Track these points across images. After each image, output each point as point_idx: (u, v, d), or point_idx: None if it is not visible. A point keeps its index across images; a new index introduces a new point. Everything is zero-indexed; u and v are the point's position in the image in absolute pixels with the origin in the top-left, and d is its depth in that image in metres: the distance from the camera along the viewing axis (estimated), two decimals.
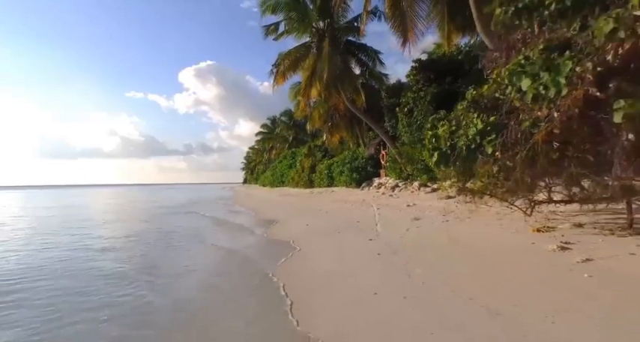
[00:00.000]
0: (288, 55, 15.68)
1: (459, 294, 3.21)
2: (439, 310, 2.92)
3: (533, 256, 4.20)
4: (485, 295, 3.11)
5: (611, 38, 2.26)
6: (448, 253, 4.89)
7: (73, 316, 3.60)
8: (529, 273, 3.64)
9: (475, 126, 3.82)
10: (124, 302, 4.02)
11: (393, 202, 12.13)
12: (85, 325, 3.37)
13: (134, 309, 3.77)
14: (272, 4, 15.14)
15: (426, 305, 3.08)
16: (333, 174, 22.80)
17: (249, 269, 5.47)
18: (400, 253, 5.12)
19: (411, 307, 3.10)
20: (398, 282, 3.90)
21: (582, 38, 2.54)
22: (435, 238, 5.94)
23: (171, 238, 8.90)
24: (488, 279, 3.62)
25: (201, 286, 4.74)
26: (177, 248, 7.65)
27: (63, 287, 4.67)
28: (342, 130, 20.65)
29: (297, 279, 4.58)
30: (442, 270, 4.10)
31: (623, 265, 3.44)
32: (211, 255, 7.09)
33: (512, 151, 3.34)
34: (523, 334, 2.36)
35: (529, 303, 2.84)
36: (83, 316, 3.60)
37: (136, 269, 5.61)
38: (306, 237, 7.47)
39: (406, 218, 8.29)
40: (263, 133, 53.60)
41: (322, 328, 2.97)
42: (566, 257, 3.92)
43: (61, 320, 3.49)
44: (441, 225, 6.98)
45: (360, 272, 4.49)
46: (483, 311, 2.78)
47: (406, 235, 6.46)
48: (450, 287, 3.43)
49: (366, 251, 5.49)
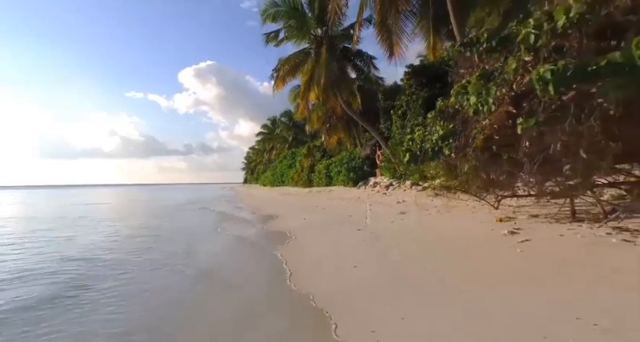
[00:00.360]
0: (287, 61, 16.64)
1: (426, 268, 4.12)
2: (406, 279, 3.84)
3: (489, 240, 5.13)
4: (445, 270, 4.02)
5: (515, 73, 3.15)
6: (422, 240, 5.81)
7: (166, 262, 5.65)
8: (482, 252, 4.57)
9: (438, 132, 4.74)
10: (185, 267, 5.41)
11: (385, 199, 13.03)
12: (174, 268, 5.01)
13: (195, 270, 5.35)
14: (272, 13, 16.07)
15: (396, 275, 4.01)
16: (331, 174, 23.73)
17: (256, 250, 6.54)
18: (382, 240, 6.05)
19: (382, 276, 4.04)
20: (375, 260, 4.84)
21: (503, 69, 3.46)
22: (414, 228, 6.87)
23: (195, 229, 10.50)
24: (451, 257, 4.55)
25: (224, 260, 5.86)
26: (202, 236, 9.14)
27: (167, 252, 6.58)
28: (339, 132, 21.58)
29: (292, 257, 5.52)
30: (415, 252, 5.03)
31: (549, 243, 4.36)
32: (227, 240, 8.25)
33: (462, 153, 4.26)
34: (464, 295, 3.22)
35: (477, 273, 3.74)
36: (171, 263, 5.62)
37: (182, 252, 6.86)
38: (302, 228, 8.41)
39: (393, 213, 9.21)
40: (263, 134, 54.48)
41: (312, 290, 3.89)
42: (512, 239, 4.85)
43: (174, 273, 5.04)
44: (423, 218, 7.90)
45: (345, 253, 5.42)
46: (438, 280, 3.67)
47: (390, 226, 7.39)
48: (421, 265, 4.34)
49: (353, 238, 6.43)
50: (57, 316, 3.45)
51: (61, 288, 4.39)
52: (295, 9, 16.18)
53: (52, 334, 3.02)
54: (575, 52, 2.86)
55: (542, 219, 5.94)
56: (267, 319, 3.22)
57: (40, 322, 3.27)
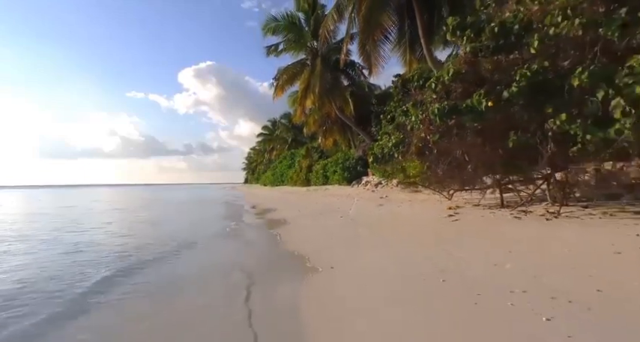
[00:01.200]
0: (286, 71, 18.55)
1: (379, 236, 5.99)
2: (362, 242, 5.74)
3: (432, 220, 7.00)
4: (391, 237, 5.89)
5: (428, 105, 4.99)
6: (386, 222, 7.69)
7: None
8: (422, 227, 6.44)
9: (392, 141, 6.61)
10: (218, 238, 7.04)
11: (371, 195, 14.89)
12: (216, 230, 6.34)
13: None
14: (273, 27, 17.99)
15: (356, 241, 5.91)
16: (327, 173, 25.58)
17: (260, 229, 8.50)
18: (357, 223, 7.94)
19: (347, 242, 5.93)
20: (346, 234, 6.72)
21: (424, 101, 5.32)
22: (384, 215, 8.74)
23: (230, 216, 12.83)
24: (399, 230, 6.43)
25: (245, 233, 7.84)
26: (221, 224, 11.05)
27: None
28: (335, 134, 23.46)
29: (285, 232, 7.42)
30: (376, 229, 6.92)
31: (471, 221, 6.22)
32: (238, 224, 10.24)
33: (407, 157, 6.12)
34: (396, 249, 5.09)
35: (412, 238, 5.60)
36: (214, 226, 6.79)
37: (209, 235, 8.65)
38: (296, 217, 10.31)
39: (374, 205, 11.08)
40: (264, 135, 56.40)
41: (297, 248, 5.78)
42: (447, 219, 6.71)
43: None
44: (394, 208, 9.77)
45: (325, 231, 7.31)
46: (383, 242, 5.55)
47: (368, 214, 9.27)
48: (380, 238, 6.19)
49: (335, 223, 8.31)
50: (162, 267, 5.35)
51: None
52: (293, 23, 18.10)
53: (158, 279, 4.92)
54: (458, 95, 4.70)
55: (480, 207, 7.79)
56: (267, 259, 5.11)
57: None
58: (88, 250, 6.55)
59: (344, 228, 7.39)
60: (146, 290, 4.03)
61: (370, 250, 5.07)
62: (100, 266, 5.11)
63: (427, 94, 5.14)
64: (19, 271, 5.01)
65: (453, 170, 6.27)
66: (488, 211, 7.19)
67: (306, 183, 29.69)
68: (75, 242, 7.53)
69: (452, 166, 5.42)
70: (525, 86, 3.95)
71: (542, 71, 3.84)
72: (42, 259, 5.81)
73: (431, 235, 5.65)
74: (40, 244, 7.49)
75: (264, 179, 49.54)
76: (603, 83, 3.23)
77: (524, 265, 3.46)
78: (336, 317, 2.75)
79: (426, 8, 10.09)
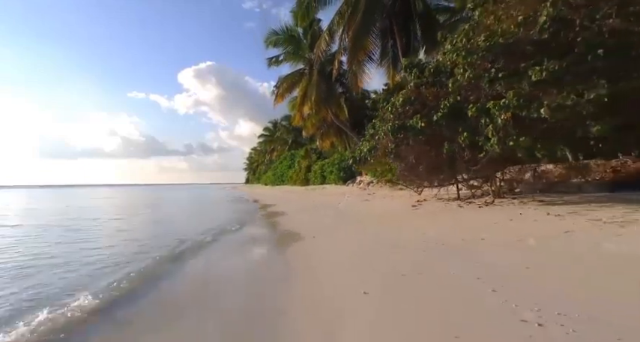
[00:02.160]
0: (286, 79, 20.57)
1: (355, 220, 7.98)
2: (341, 225, 7.74)
3: (400, 209, 8.98)
4: (365, 220, 7.88)
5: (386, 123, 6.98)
6: (366, 212, 9.67)
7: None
8: (391, 214, 8.42)
9: (366, 146, 8.58)
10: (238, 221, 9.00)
11: (361, 193, 16.88)
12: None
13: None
14: (274, 40, 20.00)
15: (337, 224, 7.89)
16: (325, 173, 27.60)
17: (263, 219, 10.49)
18: (343, 213, 9.93)
19: (331, 225, 7.91)
20: (332, 220, 8.70)
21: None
22: (366, 207, 10.73)
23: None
24: (372, 216, 8.41)
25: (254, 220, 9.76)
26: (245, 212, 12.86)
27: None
28: (331, 137, 25.41)
29: (283, 220, 9.42)
30: (356, 216, 8.93)
31: (430, 209, 8.17)
32: (247, 216, 12.18)
33: (376, 159, 8.08)
34: (366, 227, 7.08)
35: (381, 220, 7.58)
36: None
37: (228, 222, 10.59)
38: (292, 210, 12.32)
39: (360, 200, 13.07)
40: (265, 136, 58.42)
41: (291, 228, 7.78)
42: (412, 209, 8.67)
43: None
44: (376, 202, 11.74)
45: (315, 219, 9.31)
46: (358, 224, 7.54)
47: (353, 207, 11.24)
48: (360, 224, 8.16)
49: (325, 213, 10.30)
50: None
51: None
52: (292, 36, 20.10)
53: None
54: (409, 115, 6.66)
55: (441, 200, 9.74)
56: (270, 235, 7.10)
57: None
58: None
59: (331, 217, 9.36)
60: (223, 244, 6.09)
61: (344, 229, 7.06)
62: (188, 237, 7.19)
63: (387, 114, 7.11)
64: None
65: (410, 170, 8.24)
66: (444, 203, 9.15)
67: (305, 182, 31.69)
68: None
69: (408, 167, 7.38)
70: (447, 112, 5.91)
71: (456, 103, 5.80)
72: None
73: (392, 219, 7.63)
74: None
75: (265, 179, 51.55)
76: (483, 115, 5.17)
77: (441, 232, 5.42)
78: (312, 264, 4.70)
79: (404, 32, 12.06)
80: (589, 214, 4.95)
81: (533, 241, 4.05)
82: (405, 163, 7.44)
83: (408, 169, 7.65)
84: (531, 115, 4.76)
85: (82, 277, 4.35)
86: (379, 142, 7.99)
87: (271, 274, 4.29)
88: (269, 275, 4.26)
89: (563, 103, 4.55)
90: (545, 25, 4.99)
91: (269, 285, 3.77)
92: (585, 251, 3.47)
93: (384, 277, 3.37)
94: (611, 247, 3.41)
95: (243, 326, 2.68)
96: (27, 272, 4.66)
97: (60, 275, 4.45)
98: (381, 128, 7.42)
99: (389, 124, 6.61)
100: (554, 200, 6.94)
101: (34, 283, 4.13)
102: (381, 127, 7.45)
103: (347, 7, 12.29)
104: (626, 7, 4.92)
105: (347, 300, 2.84)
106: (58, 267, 4.88)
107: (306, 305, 2.98)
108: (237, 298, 3.40)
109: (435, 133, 6.24)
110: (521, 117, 4.89)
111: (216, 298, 3.48)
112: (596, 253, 3.37)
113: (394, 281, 3.18)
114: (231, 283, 4.03)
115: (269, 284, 3.80)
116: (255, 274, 4.38)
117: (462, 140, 5.69)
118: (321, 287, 3.48)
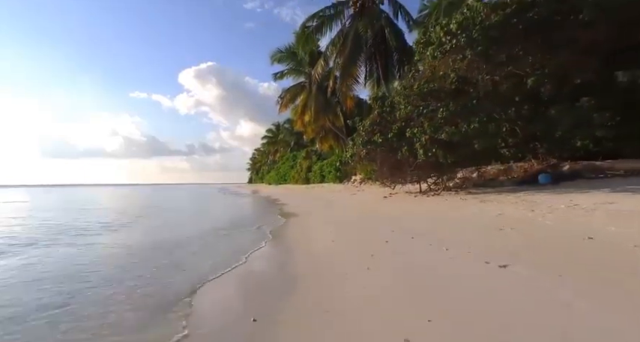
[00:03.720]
0: (289, 91, 23.91)
1: (339, 206, 11.27)
2: (328, 211, 11.02)
3: (374, 200, 12.23)
4: (345, 206, 11.14)
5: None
6: (350, 202, 12.92)
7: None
8: (366, 203, 11.69)
9: (349, 152, 11.83)
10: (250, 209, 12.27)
11: (352, 189, 20.13)
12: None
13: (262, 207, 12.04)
14: (278, 57, 23.37)
15: (325, 211, 11.17)
16: (324, 173, 30.82)
17: (270, 205, 13.72)
18: (332, 203, 13.19)
19: (320, 210, 11.19)
20: (322, 207, 12.00)
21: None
22: (352, 199, 13.98)
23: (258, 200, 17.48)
24: (352, 204, 11.68)
25: (258, 205, 12.99)
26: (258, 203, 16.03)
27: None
28: (329, 140, 28.66)
29: (284, 207, 12.70)
30: (341, 204, 12.20)
31: (397, 200, 11.42)
32: (259, 206, 15.43)
33: (356, 162, 11.31)
34: (346, 212, 10.37)
35: (358, 206, 10.85)
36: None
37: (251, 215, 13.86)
38: (291, 202, 15.59)
39: (349, 195, 16.34)
40: (268, 137, 61.77)
41: (291, 210, 11.07)
42: (384, 200, 11.92)
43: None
44: (360, 196, 14.99)
45: (310, 206, 12.60)
46: (343, 209, 10.82)
47: (341, 199, 14.50)
48: (339, 206, 11.46)
49: (318, 204, 13.57)
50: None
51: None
52: (294, 54, 23.41)
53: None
54: (374, 133, 9.88)
55: (409, 193, 12.97)
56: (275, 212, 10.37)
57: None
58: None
59: (322, 206, 12.62)
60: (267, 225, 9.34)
61: (330, 212, 10.31)
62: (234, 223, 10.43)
63: (360, 132, 10.35)
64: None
65: (379, 171, 11.48)
66: (409, 195, 12.37)
67: (306, 181, 34.95)
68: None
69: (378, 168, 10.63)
70: (396, 133, 9.15)
71: (401, 127, 9.03)
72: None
73: (365, 206, 10.86)
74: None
75: (269, 178, 54.86)
76: (416, 136, 8.39)
77: (391, 210, 8.66)
78: (304, 231, 7.95)
79: (384, 59, 15.27)
80: (483, 197, 8.17)
81: (437, 213, 7.30)
82: (375, 166, 10.68)
83: (378, 170, 10.89)
84: (440, 137, 7.99)
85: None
86: (356, 151, 11.23)
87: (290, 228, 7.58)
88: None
89: (457, 130, 7.77)
90: (453, 80, 8.21)
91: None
92: (469, 215, 6.71)
93: (348, 231, 6.64)
94: (478, 212, 6.66)
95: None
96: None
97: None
98: (357, 141, 10.63)
99: (360, 139, 9.85)
100: (480, 191, 10.18)
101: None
102: (357, 140, 10.66)
103: (339, 38, 15.56)
104: (501, 69, 8.14)
105: (324, 240, 6.11)
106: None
107: (302, 238, 6.26)
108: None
109: (390, 146, 9.48)
110: (435, 138, 8.12)
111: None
112: (470, 214, 6.62)
113: (351, 229, 6.45)
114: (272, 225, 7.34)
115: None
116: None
117: (404, 152, 8.93)
118: (311, 237, 6.76)
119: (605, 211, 4.78)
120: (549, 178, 9.31)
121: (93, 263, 4.70)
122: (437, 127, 8.01)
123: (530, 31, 7.73)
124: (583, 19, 7.38)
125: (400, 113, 8.92)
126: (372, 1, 15.12)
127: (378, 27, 15.16)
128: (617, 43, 7.75)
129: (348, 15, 15.57)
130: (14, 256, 5.15)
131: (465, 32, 7.77)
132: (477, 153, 8.53)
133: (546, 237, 4.21)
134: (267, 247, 5.73)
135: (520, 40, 7.87)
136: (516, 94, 8.14)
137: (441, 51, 8.45)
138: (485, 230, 5.03)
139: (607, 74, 7.88)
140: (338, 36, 15.57)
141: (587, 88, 7.93)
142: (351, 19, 15.51)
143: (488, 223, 5.47)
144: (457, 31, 7.95)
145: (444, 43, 8.24)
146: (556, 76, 7.89)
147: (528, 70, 7.96)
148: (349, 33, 15.01)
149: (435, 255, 3.97)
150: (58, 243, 6.33)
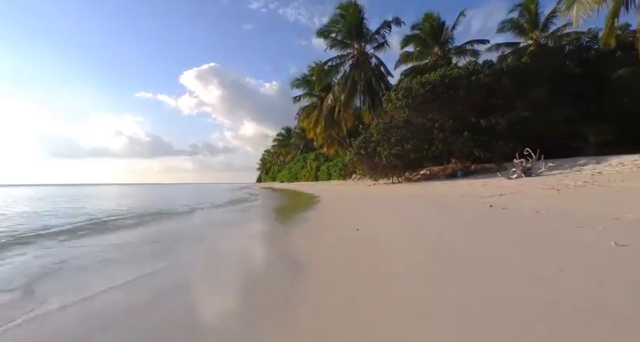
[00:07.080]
0: (304, 109, 32.06)
1: (339, 194, 19.42)
2: (335, 197, 19.18)
3: (362, 189, 20.35)
4: (343, 194, 19.29)
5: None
6: (348, 193, 21.06)
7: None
8: (356, 191, 19.81)
9: (348, 157, 19.91)
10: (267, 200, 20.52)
11: (352, 184, 28.24)
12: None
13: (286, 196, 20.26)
14: (296, 84, 31.58)
15: (334, 197, 19.31)
16: (330, 172, 38.88)
17: (299, 194, 22.01)
18: (335, 192, 21.37)
19: (331, 196, 19.33)
20: (332, 195, 20.14)
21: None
22: (351, 191, 22.13)
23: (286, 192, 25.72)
24: (347, 192, 19.84)
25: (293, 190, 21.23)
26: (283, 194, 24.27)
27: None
28: (335, 146, 36.68)
29: (309, 193, 20.89)
30: (341, 193, 20.35)
31: (380, 188, 19.52)
32: (295, 195, 23.67)
33: (353, 163, 19.33)
34: (342, 199, 18.50)
35: (349, 194, 18.98)
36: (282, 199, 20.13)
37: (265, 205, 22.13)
38: (312, 191, 23.77)
39: (347, 187, 24.50)
40: (279, 140, 69.97)
41: (315, 193, 19.26)
42: (368, 187, 20.02)
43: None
44: (355, 188, 23.11)
45: (323, 194, 20.75)
46: (340, 197, 18.98)
47: (343, 191, 22.67)
48: (340, 195, 19.55)
49: (328, 194, 21.72)
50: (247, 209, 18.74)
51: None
52: (307, 81, 31.51)
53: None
54: (362, 147, 17.83)
55: (391, 183, 20.97)
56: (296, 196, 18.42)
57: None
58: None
59: (330, 194, 20.69)
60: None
61: (339, 195, 18.38)
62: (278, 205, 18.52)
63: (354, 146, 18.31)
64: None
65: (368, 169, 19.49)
66: (388, 185, 20.44)
67: (315, 179, 43.05)
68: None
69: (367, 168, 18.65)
70: (373, 148, 17.17)
71: (375, 145, 17.05)
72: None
73: (355, 192, 18.93)
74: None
75: (281, 177, 63.08)
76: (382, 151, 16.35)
77: (373, 193, 16.72)
78: (325, 211, 15.97)
79: (371, 95, 23.26)
80: (427, 183, 16.17)
81: (397, 192, 15.36)
82: (364, 166, 18.70)
83: (365, 170, 18.90)
84: (393, 152, 16.01)
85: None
86: (351, 157, 19.21)
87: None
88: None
89: (401, 148, 15.76)
90: (400, 122, 16.18)
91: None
92: (419, 192, 14.74)
93: (353, 200, 14.73)
94: (424, 191, 14.73)
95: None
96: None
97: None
98: (351, 152, 18.55)
99: (354, 151, 17.86)
100: (428, 181, 18.22)
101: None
102: (351, 151, 18.60)
103: (342, 80, 23.55)
104: (425, 116, 16.12)
105: (342, 203, 14.17)
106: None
107: (332, 203, 14.35)
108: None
109: (370, 155, 17.47)
110: (391, 152, 16.12)
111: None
112: (420, 192, 14.67)
113: (355, 199, 14.49)
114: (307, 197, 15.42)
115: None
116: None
117: (376, 159, 16.92)
118: (335, 203, 14.88)
119: (483, 184, 12.78)
120: (463, 173, 17.30)
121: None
122: (392, 146, 16.00)
123: (437, 97, 15.72)
124: (462, 93, 15.36)
125: (374, 138, 16.90)
126: (363, 59, 23.19)
127: (368, 76, 23.20)
128: (482, 104, 15.67)
129: (348, 64, 23.65)
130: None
131: (405, 98, 15.77)
132: (413, 160, 16.48)
133: (456, 202, 12.19)
134: (321, 203, 13.78)
135: (434, 101, 15.85)
136: (433, 128, 16.09)
137: (395, 106, 16.46)
138: (427, 197, 13.02)
139: (477, 120, 15.83)
140: (341, 78, 23.56)
141: (468, 126, 15.87)
142: (350, 67, 23.58)
143: (430, 194, 13.45)
144: (402, 97, 15.96)
145: (395, 102, 16.26)
146: (454, 119, 15.84)
147: (440, 116, 15.92)
148: (349, 77, 22.98)
149: (399, 206, 12.00)
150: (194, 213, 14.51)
